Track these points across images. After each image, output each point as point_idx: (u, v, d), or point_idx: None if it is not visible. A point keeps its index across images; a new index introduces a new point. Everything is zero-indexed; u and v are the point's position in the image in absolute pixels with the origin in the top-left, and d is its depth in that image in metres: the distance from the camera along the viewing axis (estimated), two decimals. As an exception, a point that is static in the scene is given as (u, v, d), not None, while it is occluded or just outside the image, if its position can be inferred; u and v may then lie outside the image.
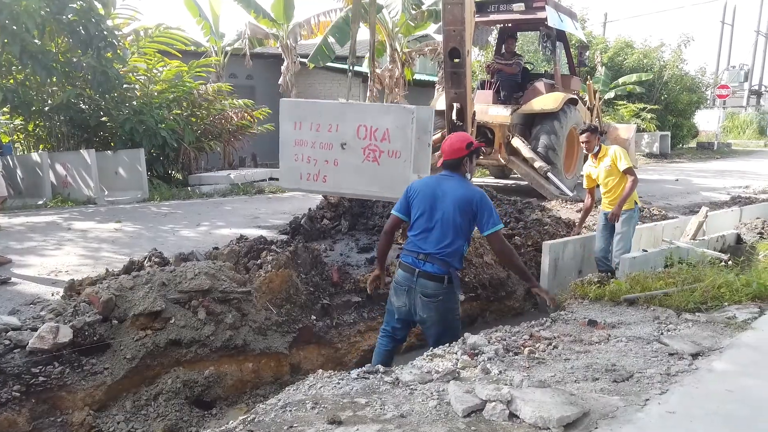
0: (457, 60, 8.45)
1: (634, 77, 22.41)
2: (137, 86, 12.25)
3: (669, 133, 23.33)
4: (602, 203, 6.27)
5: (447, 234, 3.67)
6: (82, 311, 4.30)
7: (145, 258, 5.37)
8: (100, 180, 10.19)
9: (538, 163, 10.12)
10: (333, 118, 4.94)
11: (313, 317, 5.12)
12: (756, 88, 42.39)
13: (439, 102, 11.67)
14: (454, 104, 9.01)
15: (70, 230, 7.65)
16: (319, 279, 5.46)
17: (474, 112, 9.52)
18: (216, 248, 5.82)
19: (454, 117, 8.86)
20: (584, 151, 6.16)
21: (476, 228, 3.81)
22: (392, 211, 3.93)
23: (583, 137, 6.04)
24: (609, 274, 5.61)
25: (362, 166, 4.98)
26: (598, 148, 6.01)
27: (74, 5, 10.06)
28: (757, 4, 40.65)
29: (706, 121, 32.16)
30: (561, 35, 11.49)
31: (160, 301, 4.36)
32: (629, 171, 5.83)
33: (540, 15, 10.40)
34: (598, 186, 6.25)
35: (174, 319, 4.36)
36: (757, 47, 40.98)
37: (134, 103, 11.62)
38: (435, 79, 17.21)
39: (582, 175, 6.72)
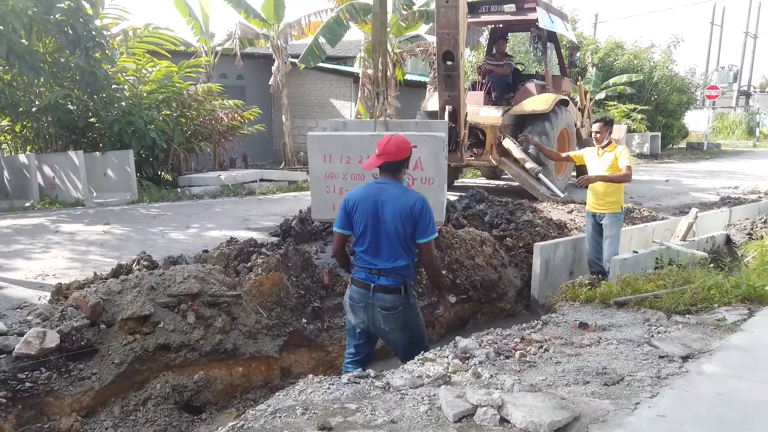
0: (450, 63, 8.47)
1: (624, 78, 22.54)
2: (126, 87, 12.16)
3: (659, 133, 23.49)
4: (588, 204, 6.28)
5: (396, 247, 3.58)
6: (69, 316, 4.25)
7: (134, 261, 5.32)
8: (88, 181, 10.09)
9: (530, 164, 10.14)
10: (362, 149, 4.81)
11: (304, 320, 5.09)
12: (745, 88, 42.79)
13: (431, 103, 11.68)
14: (447, 107, 9.01)
15: (57, 233, 7.57)
16: (309, 282, 5.42)
17: (466, 113, 9.52)
18: (206, 251, 5.77)
19: (446, 118, 8.85)
20: (594, 142, 6.14)
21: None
22: (334, 228, 3.78)
23: (596, 126, 6.03)
24: (600, 275, 5.62)
25: None
26: (607, 141, 6.03)
27: (62, 5, 9.96)
28: (746, 6, 41.04)
29: (696, 122, 32.41)
30: (552, 36, 11.52)
31: (149, 305, 4.31)
32: (629, 168, 5.85)
33: (531, 16, 10.42)
34: (576, 171, 6.25)
35: (163, 323, 4.32)
36: (746, 48, 41.38)
37: (123, 103, 11.52)
38: (426, 79, 17.20)
39: (573, 176, 6.73)
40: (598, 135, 6.02)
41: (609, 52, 24.46)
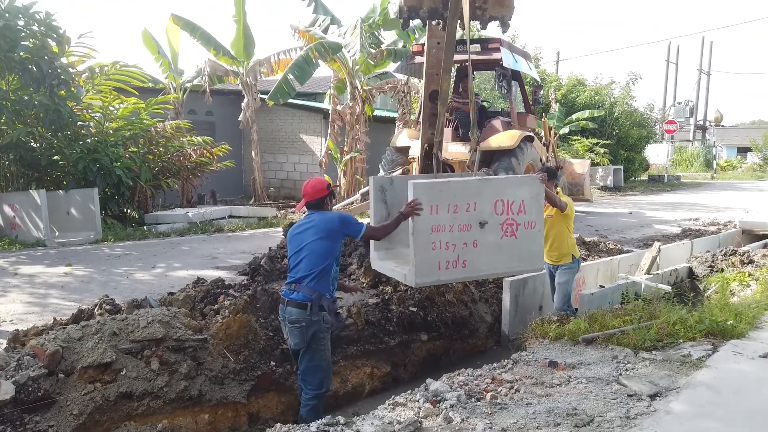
0: (437, 102, 8.64)
1: (586, 113, 23.25)
2: (92, 124, 12.00)
3: (621, 166, 24.16)
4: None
5: (313, 262, 4.03)
6: (26, 365, 4.07)
7: (96, 305, 5.16)
8: (50, 221, 9.83)
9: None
10: (470, 196, 4.54)
11: (273, 363, 4.98)
12: (701, 123, 44.54)
13: (400, 139, 11.84)
14: (428, 145, 9.12)
15: (16, 275, 7.32)
16: (278, 323, 5.33)
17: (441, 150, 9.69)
18: (171, 293, 5.64)
19: (417, 154, 8.95)
20: None
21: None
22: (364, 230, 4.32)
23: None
24: (568, 312, 5.67)
25: (501, 243, 4.67)
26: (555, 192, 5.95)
27: (27, 43, 9.86)
28: (698, 44, 42.99)
29: (656, 155, 33.51)
30: (516, 75, 11.84)
31: (111, 352, 4.17)
32: (563, 202, 5.76)
33: (495, 56, 10.71)
34: None
35: (125, 371, 4.17)
36: (700, 85, 43.26)
37: (88, 141, 11.35)
38: (395, 115, 17.45)
39: None
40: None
41: (571, 88, 25.26)
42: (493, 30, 10.73)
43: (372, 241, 5.21)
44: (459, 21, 5.41)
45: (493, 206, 4.61)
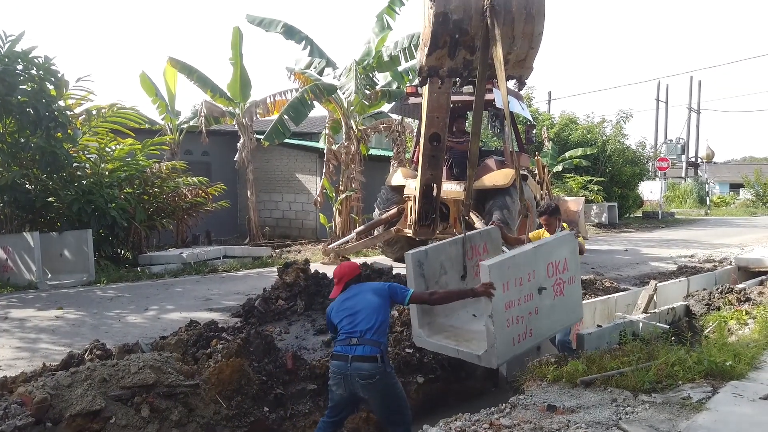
0: (436, 144, 8.76)
1: (579, 151, 23.52)
2: (88, 165, 12.04)
3: (616, 203, 24.31)
4: None
5: (371, 315, 4.03)
6: (13, 413, 3.97)
7: (86, 350, 5.08)
8: (43, 263, 9.75)
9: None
10: (529, 265, 4.58)
11: (266, 409, 4.88)
12: (692, 159, 45.09)
13: (395, 178, 11.92)
14: (428, 185, 9.24)
15: (6, 319, 7.21)
16: (272, 367, 5.24)
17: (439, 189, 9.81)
18: (163, 337, 5.56)
19: (412, 193, 9.05)
20: (546, 234, 6.09)
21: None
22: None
23: (542, 220, 6.04)
24: (566, 353, 5.60)
25: (555, 303, 4.76)
26: (560, 228, 5.96)
27: (25, 87, 9.97)
28: (687, 83, 43.97)
29: (650, 191, 33.78)
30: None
31: (100, 399, 4.08)
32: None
33: (488, 97, 10.86)
34: None
35: (115, 419, 4.08)
36: (690, 122, 43.96)
37: (84, 182, 11.36)
38: (390, 154, 17.60)
39: None
40: (547, 227, 5.94)
41: (564, 127, 25.61)
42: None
43: (415, 319, 5.00)
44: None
45: (545, 270, 4.71)
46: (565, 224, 6.15)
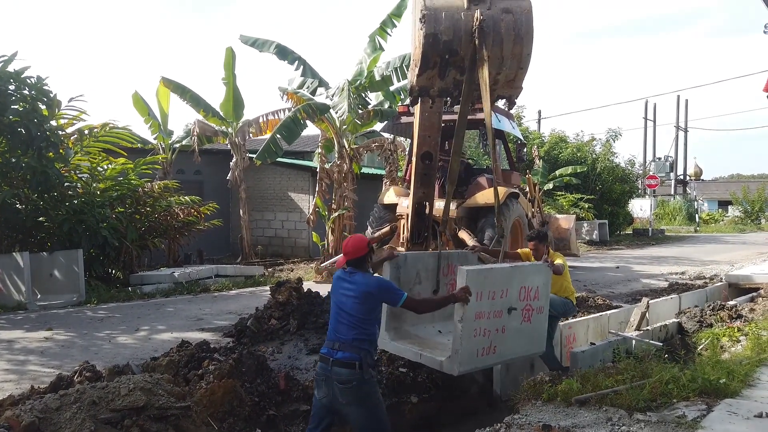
0: (428, 162, 8.81)
1: (569, 169, 23.68)
2: (79, 185, 11.99)
3: (606, 221, 24.44)
4: None
5: (355, 324, 3.99)
6: (-1, 438, 3.90)
7: (76, 372, 5.01)
8: (33, 283, 9.65)
9: (484, 255, 10.31)
10: (504, 283, 4.64)
11: (258, 430, 4.82)
12: (681, 177, 45.52)
13: (387, 196, 11.93)
14: (420, 203, 9.25)
15: (-6, 341, 7.12)
16: (265, 387, 5.19)
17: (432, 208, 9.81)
18: (154, 358, 5.50)
19: (405, 211, 9.03)
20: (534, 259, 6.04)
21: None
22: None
23: (530, 246, 6.06)
24: (560, 371, 5.58)
25: (521, 328, 4.80)
26: (546, 255, 5.84)
27: (16, 106, 9.96)
28: (674, 102, 44.47)
29: (640, 209, 34.02)
30: (499, 134, 12.12)
31: (89, 423, 4.01)
32: (554, 264, 5.65)
33: (479, 116, 10.98)
34: None
35: (104, 442, 4.00)
36: (678, 140, 44.47)
37: (75, 201, 11.31)
38: (382, 172, 17.67)
39: None
40: (535, 253, 5.91)
41: (554, 145, 25.84)
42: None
43: (384, 322, 5.03)
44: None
45: (518, 293, 4.74)
46: (551, 251, 6.11)
